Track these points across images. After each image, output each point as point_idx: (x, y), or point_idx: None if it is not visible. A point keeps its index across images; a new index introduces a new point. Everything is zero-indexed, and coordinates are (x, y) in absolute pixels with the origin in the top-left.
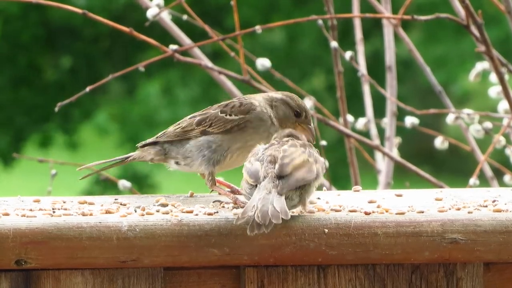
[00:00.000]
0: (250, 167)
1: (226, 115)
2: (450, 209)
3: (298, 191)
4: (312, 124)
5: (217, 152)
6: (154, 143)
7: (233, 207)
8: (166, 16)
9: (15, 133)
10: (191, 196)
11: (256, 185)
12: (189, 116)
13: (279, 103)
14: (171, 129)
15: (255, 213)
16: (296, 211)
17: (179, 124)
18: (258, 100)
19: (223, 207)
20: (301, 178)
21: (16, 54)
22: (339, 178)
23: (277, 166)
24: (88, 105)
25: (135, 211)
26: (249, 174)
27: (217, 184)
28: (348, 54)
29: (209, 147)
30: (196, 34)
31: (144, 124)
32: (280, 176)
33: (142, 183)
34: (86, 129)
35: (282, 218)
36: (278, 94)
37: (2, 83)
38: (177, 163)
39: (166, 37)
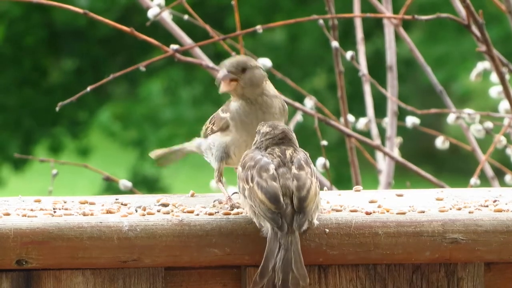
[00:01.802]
0: (266, 186)
1: (222, 112)
2: (451, 209)
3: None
4: (222, 69)
5: (219, 150)
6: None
7: (231, 208)
8: (167, 16)
9: (24, 137)
10: (192, 196)
11: (278, 213)
12: None
13: None
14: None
15: (275, 282)
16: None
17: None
18: None
19: (221, 208)
20: (314, 208)
21: (20, 56)
22: (340, 178)
23: (295, 200)
24: (94, 108)
25: (136, 211)
26: (268, 197)
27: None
28: (349, 54)
29: (214, 145)
30: (197, 35)
31: (148, 123)
32: (298, 212)
33: (152, 187)
34: (94, 132)
35: (301, 285)
36: None
37: (7, 85)
38: (206, 157)
39: (168, 39)
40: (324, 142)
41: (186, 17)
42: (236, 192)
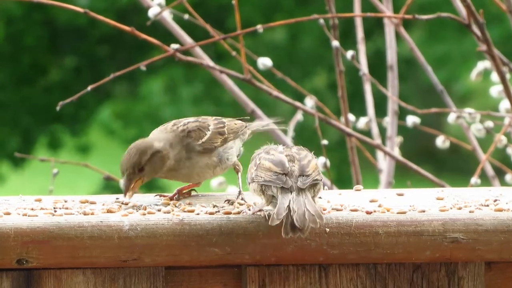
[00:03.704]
0: (273, 157)
1: None
2: (451, 208)
3: (312, 189)
4: (124, 178)
5: None
6: None
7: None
8: (167, 16)
9: (23, 134)
10: (189, 195)
11: (283, 174)
12: None
13: None
14: None
15: (292, 216)
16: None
17: None
18: None
19: (231, 204)
20: (315, 176)
21: (20, 54)
22: (340, 177)
23: (297, 166)
24: (93, 107)
25: (137, 210)
26: (274, 163)
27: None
28: (349, 53)
29: None
30: (197, 34)
31: (148, 122)
32: (301, 175)
33: (151, 185)
34: (93, 130)
35: (318, 222)
36: None
37: (7, 83)
38: None
39: (168, 39)
40: (325, 142)
41: (186, 16)
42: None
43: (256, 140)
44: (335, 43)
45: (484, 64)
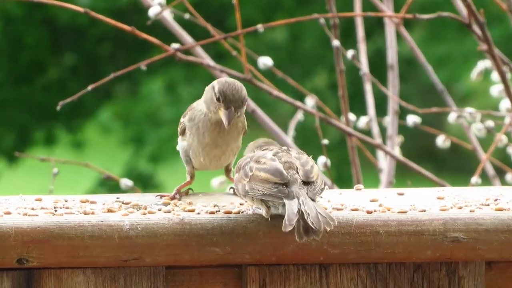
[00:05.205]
0: (267, 167)
1: (182, 117)
2: (452, 207)
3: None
4: (230, 109)
5: (182, 153)
6: None
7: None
8: (168, 15)
9: (19, 132)
10: (186, 194)
11: (283, 184)
12: None
13: (208, 88)
14: None
15: (306, 218)
16: None
17: None
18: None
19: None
20: (321, 184)
21: (18, 53)
22: (341, 176)
23: (301, 172)
24: (93, 107)
25: (137, 210)
26: (271, 173)
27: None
28: (350, 53)
29: (178, 148)
30: (198, 34)
31: (148, 122)
32: (305, 182)
33: (146, 183)
34: (90, 128)
35: (331, 224)
36: (215, 81)
37: (5, 81)
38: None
39: (168, 38)
40: (325, 141)
41: (187, 16)
42: (232, 188)
43: (253, 138)
44: (336, 42)
45: (484, 64)
